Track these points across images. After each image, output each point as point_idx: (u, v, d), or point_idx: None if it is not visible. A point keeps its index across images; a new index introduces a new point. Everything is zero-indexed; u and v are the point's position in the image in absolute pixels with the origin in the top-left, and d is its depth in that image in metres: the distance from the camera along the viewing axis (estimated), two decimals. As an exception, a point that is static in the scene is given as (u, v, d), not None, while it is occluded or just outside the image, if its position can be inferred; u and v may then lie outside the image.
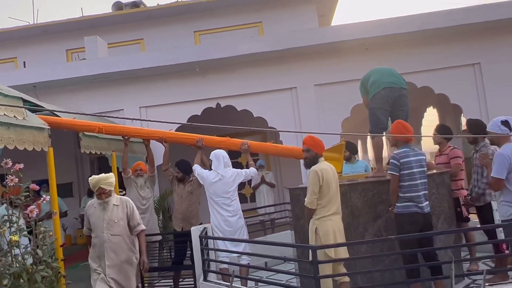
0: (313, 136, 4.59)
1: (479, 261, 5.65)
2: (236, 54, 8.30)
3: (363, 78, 5.59)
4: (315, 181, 4.25)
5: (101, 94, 8.85)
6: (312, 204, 4.25)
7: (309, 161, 4.47)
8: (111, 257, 4.40)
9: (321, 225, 4.22)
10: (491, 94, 8.18)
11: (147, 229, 6.14)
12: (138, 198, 6.18)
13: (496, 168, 4.31)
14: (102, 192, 4.45)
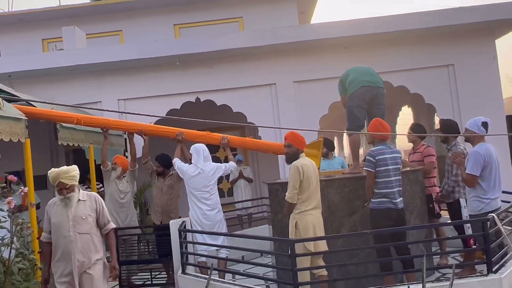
0: (295, 132, 4.68)
1: (449, 255, 5.88)
2: (217, 48, 8.30)
3: (341, 77, 5.71)
4: (296, 176, 4.33)
5: (79, 85, 8.71)
6: (293, 199, 4.34)
7: (290, 157, 4.55)
8: (79, 259, 3.86)
9: (301, 219, 4.32)
10: (463, 94, 8.43)
11: (126, 223, 6.14)
12: (116, 192, 6.17)
13: (471, 166, 4.50)
14: (62, 187, 3.90)
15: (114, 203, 6.17)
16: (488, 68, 8.46)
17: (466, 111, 8.11)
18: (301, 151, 4.55)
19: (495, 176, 4.56)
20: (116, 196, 6.18)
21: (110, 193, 6.21)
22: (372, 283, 4.14)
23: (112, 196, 6.19)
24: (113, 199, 6.18)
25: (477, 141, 4.68)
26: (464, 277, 3.96)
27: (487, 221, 3.95)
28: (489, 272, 3.83)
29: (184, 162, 5.68)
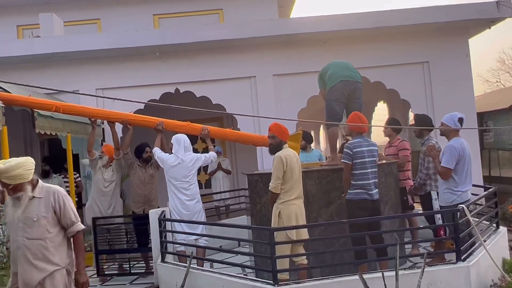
0: (279, 123, 4.78)
1: (420, 246, 6.10)
2: (197, 40, 8.28)
3: (321, 71, 5.82)
4: (279, 167, 4.42)
5: (55, 73, 8.55)
6: (276, 189, 4.43)
7: (273, 147, 4.65)
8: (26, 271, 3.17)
9: (284, 209, 4.43)
10: (437, 91, 8.68)
11: (109, 212, 6.13)
12: (101, 180, 6.20)
13: (447, 159, 4.69)
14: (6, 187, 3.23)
15: (97, 192, 6.20)
16: (461, 66, 8.71)
17: (439, 108, 8.35)
18: (284, 142, 4.65)
19: (467, 169, 4.75)
20: (100, 184, 6.20)
21: (95, 181, 6.25)
22: (347, 271, 4.28)
23: (96, 185, 6.22)
24: (97, 187, 6.21)
25: (452, 135, 4.86)
26: (434, 265, 4.13)
27: (457, 212, 4.13)
28: (458, 260, 4.02)
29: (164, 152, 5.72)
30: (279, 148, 4.60)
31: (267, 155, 8.28)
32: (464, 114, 5.27)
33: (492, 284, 4.09)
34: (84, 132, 7.54)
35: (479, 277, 4.06)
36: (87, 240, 7.15)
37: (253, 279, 4.13)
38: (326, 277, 3.91)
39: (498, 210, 5.29)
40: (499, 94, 12.51)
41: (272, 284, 3.77)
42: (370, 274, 3.83)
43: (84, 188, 8.46)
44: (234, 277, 4.11)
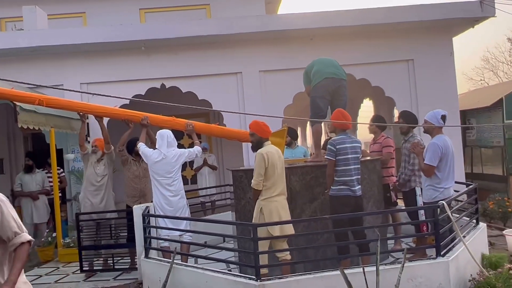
0: (258, 121, 4.79)
1: (402, 242, 6.19)
2: (183, 35, 8.24)
3: (307, 68, 5.84)
4: (261, 164, 4.46)
5: (39, 67, 8.44)
6: (258, 186, 4.47)
7: (254, 145, 4.71)
8: None
9: (266, 205, 4.47)
10: (421, 88, 8.77)
11: (101, 207, 6.10)
12: (93, 175, 6.19)
13: (430, 156, 4.75)
14: None
15: (90, 186, 6.20)
16: (445, 64, 8.83)
17: (424, 105, 8.45)
18: (265, 139, 4.69)
19: (449, 167, 4.82)
20: (92, 179, 6.20)
21: (87, 176, 6.23)
22: (330, 266, 4.33)
23: (88, 179, 6.21)
24: (89, 182, 6.20)
25: (435, 133, 4.92)
26: (414, 260, 4.20)
27: (437, 208, 4.20)
28: (437, 255, 4.09)
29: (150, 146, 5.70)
30: (260, 145, 4.66)
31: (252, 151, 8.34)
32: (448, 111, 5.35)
33: (471, 279, 4.17)
34: (68, 126, 7.48)
35: (458, 272, 4.14)
36: (71, 236, 7.13)
37: (236, 274, 4.15)
38: (309, 273, 3.94)
39: (478, 206, 5.38)
40: (482, 92, 12.69)
41: (255, 279, 3.79)
42: (351, 269, 3.87)
43: (68, 184, 8.40)
44: (217, 273, 4.13)
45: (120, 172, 8.88)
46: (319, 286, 3.81)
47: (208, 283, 4.08)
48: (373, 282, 3.45)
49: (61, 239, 6.98)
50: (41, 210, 7.40)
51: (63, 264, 6.70)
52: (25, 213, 7.30)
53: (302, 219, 4.95)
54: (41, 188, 7.44)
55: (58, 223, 7.08)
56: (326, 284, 3.81)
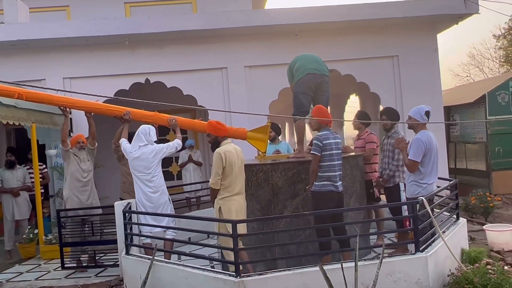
0: (213, 121, 4.91)
1: (385, 237, 6.23)
2: (168, 29, 8.16)
3: (290, 64, 5.82)
4: (218, 163, 4.55)
5: (20, 62, 8.31)
6: (216, 185, 4.56)
7: (212, 145, 4.85)
8: None
9: (224, 204, 4.56)
10: (406, 85, 8.82)
11: (88, 203, 6.05)
12: (78, 171, 6.11)
13: (414, 152, 4.76)
14: None
15: (75, 183, 6.11)
16: (430, 60, 8.88)
17: (408, 101, 8.49)
18: (222, 138, 4.79)
19: (433, 162, 4.84)
20: (78, 175, 6.12)
21: (72, 172, 6.12)
22: (312, 262, 4.33)
23: (74, 176, 6.11)
24: (75, 178, 6.11)
25: (419, 128, 4.94)
26: (394, 256, 4.23)
27: (416, 204, 4.23)
28: (416, 251, 4.12)
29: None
30: (217, 145, 4.76)
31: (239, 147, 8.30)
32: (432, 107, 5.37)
33: (450, 274, 4.20)
34: (50, 122, 7.39)
35: (437, 267, 4.17)
36: (54, 233, 7.05)
37: (216, 271, 4.13)
38: (288, 269, 3.94)
39: (458, 202, 5.43)
40: (466, 88, 12.81)
41: (234, 275, 3.78)
42: (331, 265, 3.88)
43: (51, 179, 8.30)
44: (197, 269, 4.10)
45: (102, 168, 8.84)
46: (298, 282, 3.82)
47: (188, 279, 4.07)
48: (353, 278, 3.46)
49: (43, 235, 6.90)
50: (22, 206, 7.29)
51: (45, 261, 6.62)
52: (5, 210, 7.19)
53: (284, 215, 4.95)
54: (22, 184, 7.33)
55: (40, 220, 6.99)
56: (305, 280, 3.81)
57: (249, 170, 5.16)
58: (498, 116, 9.11)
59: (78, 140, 6.25)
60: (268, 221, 4.99)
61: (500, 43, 22.06)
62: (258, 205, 5.10)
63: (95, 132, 6.24)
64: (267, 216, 4.82)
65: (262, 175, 5.09)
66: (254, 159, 6.30)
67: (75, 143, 6.22)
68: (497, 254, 5.52)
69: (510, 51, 21.57)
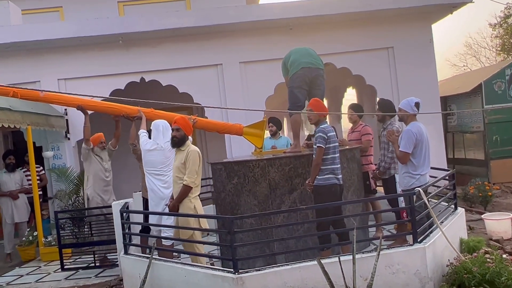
0: (185, 117, 4.90)
1: (384, 228, 6.23)
2: (162, 28, 8.13)
3: (284, 58, 5.80)
4: (196, 161, 4.59)
5: (14, 64, 8.27)
6: (194, 184, 4.56)
7: (177, 141, 4.70)
8: None
9: (197, 203, 4.67)
10: (402, 76, 8.80)
11: (109, 202, 6.09)
12: (101, 171, 6.22)
13: (404, 143, 4.76)
14: None
15: (99, 182, 6.21)
16: (425, 51, 8.85)
17: (404, 92, 8.47)
18: (187, 138, 4.76)
19: (425, 153, 4.84)
20: (101, 174, 6.23)
21: (95, 172, 6.20)
22: (311, 256, 4.32)
23: (97, 175, 6.21)
24: (99, 177, 6.21)
25: (410, 120, 4.94)
26: (392, 248, 4.22)
27: (413, 195, 4.22)
28: (414, 242, 4.11)
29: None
30: (182, 142, 4.70)
31: (235, 144, 8.30)
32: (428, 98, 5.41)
33: (448, 264, 4.20)
34: (46, 123, 7.36)
35: (436, 257, 4.17)
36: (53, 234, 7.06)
37: (214, 268, 4.14)
38: (286, 264, 3.94)
39: (455, 191, 5.43)
40: (462, 78, 12.77)
41: (233, 272, 3.78)
42: (330, 259, 3.87)
43: (49, 181, 8.29)
44: (195, 267, 4.11)
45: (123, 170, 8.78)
46: (297, 276, 3.81)
47: (187, 277, 4.06)
48: (351, 270, 3.46)
49: (42, 238, 6.89)
50: (21, 209, 7.28)
51: (45, 263, 6.63)
52: (5, 213, 7.18)
53: (282, 210, 4.95)
54: (20, 186, 7.33)
55: (39, 222, 6.99)
56: (304, 274, 3.81)
57: (246, 166, 5.15)
58: (495, 104, 9.09)
59: (101, 140, 6.32)
60: (266, 217, 4.98)
61: (496, 32, 21.97)
62: (256, 200, 5.09)
63: (119, 135, 6.33)
64: (264, 212, 4.81)
65: (258, 171, 5.08)
66: (251, 155, 6.30)
67: (98, 143, 6.28)
68: (496, 242, 5.52)
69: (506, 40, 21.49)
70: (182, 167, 4.61)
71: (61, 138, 8.33)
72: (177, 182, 4.68)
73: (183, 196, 4.58)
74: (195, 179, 4.55)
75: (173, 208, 4.64)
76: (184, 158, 4.60)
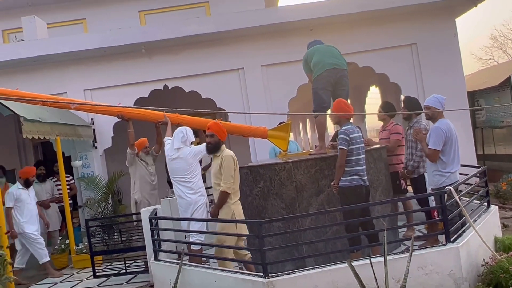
0: (218, 123, 4.84)
1: (415, 228, 6.10)
2: (183, 35, 8.23)
3: (306, 56, 5.71)
4: (232, 166, 4.51)
5: (42, 77, 8.51)
6: (231, 189, 4.49)
7: (212, 146, 4.68)
8: None
9: (237, 209, 4.57)
10: (426, 72, 8.64)
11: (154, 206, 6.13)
12: (147, 175, 6.35)
13: (434, 141, 4.66)
14: None
15: (146, 186, 6.32)
16: (449, 46, 8.68)
17: (429, 89, 8.32)
18: (223, 143, 4.71)
19: (454, 150, 4.72)
20: (147, 178, 6.35)
21: (141, 176, 6.33)
22: (340, 259, 4.27)
23: (144, 179, 6.32)
24: (145, 181, 6.32)
25: (439, 117, 4.84)
26: (424, 248, 4.13)
27: (444, 194, 4.12)
28: (447, 242, 4.01)
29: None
30: (217, 148, 4.65)
31: (260, 148, 8.30)
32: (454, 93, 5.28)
33: (483, 264, 4.09)
34: (74, 134, 7.54)
35: (470, 257, 4.06)
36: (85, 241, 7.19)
37: (244, 272, 4.13)
38: (316, 267, 3.90)
39: (488, 189, 5.28)
40: (489, 71, 12.45)
41: (263, 276, 3.76)
42: (360, 261, 3.82)
43: (79, 190, 8.46)
44: (225, 272, 4.11)
45: None
46: (327, 279, 3.77)
47: (217, 282, 4.07)
48: (383, 272, 3.40)
49: (74, 245, 7.04)
50: (53, 218, 7.47)
51: (77, 270, 6.77)
52: (38, 222, 7.36)
53: (310, 213, 4.89)
54: (51, 196, 7.51)
55: (70, 230, 7.15)
56: (334, 277, 3.77)
57: (271, 169, 5.13)
58: (525, 97, 8.83)
59: (145, 145, 6.45)
60: (293, 220, 4.95)
61: (523, 23, 21.38)
62: (283, 203, 5.07)
63: (162, 140, 6.32)
64: (292, 215, 4.78)
65: (284, 174, 5.06)
66: (276, 158, 6.28)
67: (142, 148, 6.40)
68: (533, 240, 5.34)
69: (533, 30, 20.88)
70: (219, 173, 4.55)
71: (89, 148, 8.50)
72: (216, 188, 4.63)
73: (222, 202, 4.53)
74: (232, 184, 4.48)
75: (213, 214, 4.62)
76: (219, 164, 4.56)
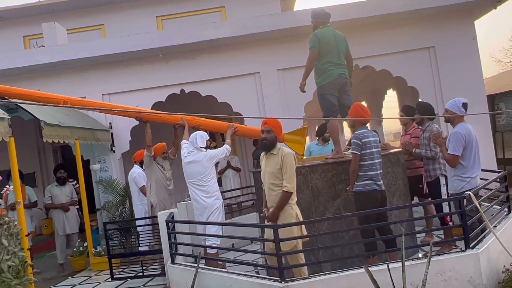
0: (275, 118, 4.70)
1: (434, 234, 6.02)
2: (199, 39, 8.30)
3: (319, 35, 5.63)
4: (294, 165, 4.15)
5: (61, 82, 8.68)
6: (295, 189, 4.15)
7: (268, 143, 4.28)
8: None
9: (298, 210, 4.23)
10: (445, 76, 8.53)
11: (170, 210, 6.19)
12: (163, 179, 6.35)
13: (453, 146, 4.59)
14: None
15: (162, 190, 6.32)
16: (468, 48, 8.56)
17: (448, 93, 8.22)
18: (278, 140, 4.41)
19: (474, 155, 4.65)
20: (163, 183, 6.36)
21: (158, 180, 6.34)
22: (357, 264, 4.25)
23: (160, 183, 6.33)
24: (161, 185, 6.33)
25: (457, 121, 4.77)
26: (443, 254, 4.08)
27: (463, 199, 4.06)
28: (466, 248, 3.95)
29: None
30: (273, 145, 4.28)
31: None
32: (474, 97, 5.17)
33: (504, 270, 4.01)
34: (93, 138, 7.65)
35: (490, 263, 3.99)
36: (102, 244, 7.29)
37: (260, 276, 4.13)
38: (333, 272, 3.88)
39: (508, 194, 5.18)
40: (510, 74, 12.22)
41: (279, 280, 3.76)
42: (377, 267, 3.79)
43: (97, 193, 8.58)
44: (242, 276, 4.12)
45: None
46: (344, 285, 3.75)
47: (233, 286, 4.08)
48: (401, 278, 3.36)
49: (92, 248, 7.13)
50: (72, 221, 7.58)
51: (96, 273, 6.85)
52: (57, 225, 7.49)
53: (327, 217, 4.87)
54: (70, 199, 7.63)
55: (88, 233, 7.24)
56: (351, 282, 3.74)
57: (288, 173, 5.12)
58: (546, 101, 8.65)
59: (164, 150, 6.47)
60: (310, 224, 4.93)
61: (544, 24, 20.93)
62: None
63: (179, 144, 6.38)
64: (309, 220, 4.76)
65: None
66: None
67: (160, 153, 6.43)
68: (555, 247, 5.21)
69: (555, 32, 20.41)
70: (278, 173, 4.13)
71: (107, 151, 8.62)
72: (273, 189, 4.18)
73: (284, 203, 4.11)
74: (294, 183, 4.11)
75: (272, 216, 4.16)
76: (279, 163, 4.14)
